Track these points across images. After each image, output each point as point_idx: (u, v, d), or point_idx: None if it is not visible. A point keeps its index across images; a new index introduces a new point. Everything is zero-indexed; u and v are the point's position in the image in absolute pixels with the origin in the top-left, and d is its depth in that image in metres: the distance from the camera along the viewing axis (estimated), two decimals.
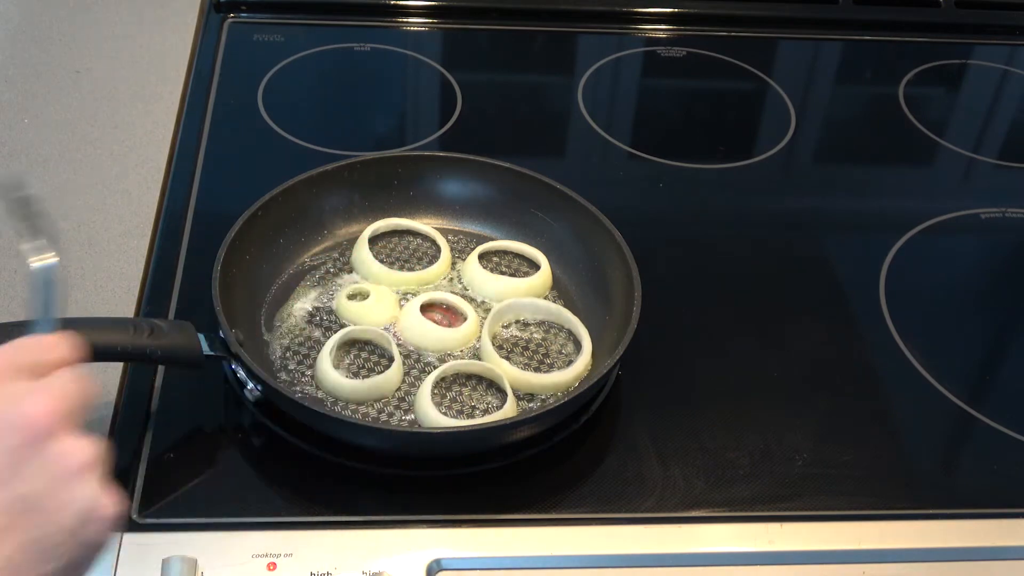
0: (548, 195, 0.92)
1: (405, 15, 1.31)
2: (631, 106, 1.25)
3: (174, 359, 0.74)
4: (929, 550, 0.73)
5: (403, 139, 1.13)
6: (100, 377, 0.80)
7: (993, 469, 0.82)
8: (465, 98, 1.18)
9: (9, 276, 0.88)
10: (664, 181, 1.10)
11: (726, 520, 0.75)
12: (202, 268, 0.82)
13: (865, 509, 0.77)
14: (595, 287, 0.89)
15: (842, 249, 1.04)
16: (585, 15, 1.32)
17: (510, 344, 0.85)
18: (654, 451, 0.80)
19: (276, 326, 0.85)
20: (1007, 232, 1.08)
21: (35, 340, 0.56)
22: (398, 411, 0.79)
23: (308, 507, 0.73)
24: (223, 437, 0.79)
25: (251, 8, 1.28)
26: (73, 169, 1.00)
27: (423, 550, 0.69)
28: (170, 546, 0.67)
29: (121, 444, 0.76)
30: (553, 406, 0.75)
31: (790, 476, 0.79)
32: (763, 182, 1.12)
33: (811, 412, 0.84)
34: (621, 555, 0.71)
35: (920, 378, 0.88)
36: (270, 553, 0.68)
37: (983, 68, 1.34)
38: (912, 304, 0.96)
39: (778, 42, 1.35)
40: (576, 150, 1.17)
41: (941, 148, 1.19)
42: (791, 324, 0.93)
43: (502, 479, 0.76)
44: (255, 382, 0.76)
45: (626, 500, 0.76)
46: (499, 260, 0.93)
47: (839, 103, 1.29)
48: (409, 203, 0.95)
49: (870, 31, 1.36)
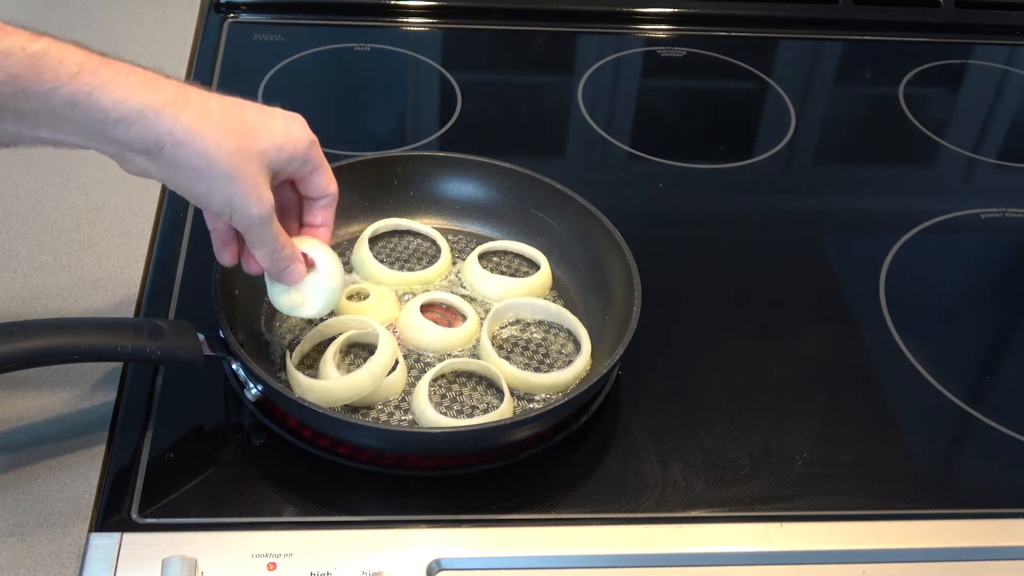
0: (548, 195, 0.92)
1: (405, 15, 1.31)
2: (631, 106, 1.25)
3: (174, 359, 0.74)
4: (929, 550, 0.73)
5: (403, 139, 1.13)
6: (100, 377, 0.80)
7: (993, 469, 0.82)
8: (465, 98, 1.18)
9: (9, 276, 0.88)
10: (664, 181, 1.10)
11: (726, 520, 0.75)
12: (202, 268, 0.82)
13: (865, 509, 0.77)
14: (595, 287, 0.89)
15: (842, 249, 1.04)
16: (585, 15, 1.32)
17: (510, 344, 0.85)
18: (654, 451, 0.80)
19: (276, 326, 0.85)
20: (1007, 232, 1.08)
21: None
22: (398, 411, 0.79)
23: (308, 507, 0.73)
24: (223, 437, 0.79)
25: (251, 8, 1.28)
26: (73, 169, 1.00)
27: (423, 550, 0.69)
28: (170, 546, 0.67)
29: (121, 444, 0.76)
30: (553, 406, 0.75)
31: (790, 476, 0.79)
32: (763, 182, 1.12)
33: (811, 412, 0.84)
34: (621, 555, 0.71)
35: (920, 378, 0.88)
36: (270, 553, 0.68)
37: (983, 68, 1.34)
38: (912, 304, 0.96)
39: (778, 42, 1.35)
40: (576, 150, 1.17)
41: (941, 148, 1.19)
42: (791, 324, 0.93)
43: (502, 479, 0.76)
44: (255, 382, 0.76)
45: (626, 500, 0.76)
46: (499, 260, 0.93)
47: (839, 103, 1.29)
48: (409, 203, 0.95)
49: (870, 31, 1.36)
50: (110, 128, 0.64)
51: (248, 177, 0.68)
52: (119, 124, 0.63)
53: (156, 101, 0.64)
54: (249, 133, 0.68)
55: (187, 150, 0.65)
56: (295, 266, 0.75)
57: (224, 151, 0.66)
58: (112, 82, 0.63)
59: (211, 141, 0.66)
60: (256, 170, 0.68)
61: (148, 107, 0.64)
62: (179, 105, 0.65)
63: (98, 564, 0.66)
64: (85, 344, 0.70)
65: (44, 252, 0.91)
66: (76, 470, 0.74)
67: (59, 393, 0.79)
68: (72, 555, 0.69)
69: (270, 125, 0.70)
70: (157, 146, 0.65)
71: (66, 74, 0.62)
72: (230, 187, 0.67)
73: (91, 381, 0.80)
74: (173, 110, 0.65)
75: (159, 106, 0.64)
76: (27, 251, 0.91)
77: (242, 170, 0.67)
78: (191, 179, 0.67)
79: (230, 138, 0.67)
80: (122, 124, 0.63)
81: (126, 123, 0.63)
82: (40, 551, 0.69)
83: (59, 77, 0.62)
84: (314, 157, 0.74)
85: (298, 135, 0.72)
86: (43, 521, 0.71)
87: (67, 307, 0.86)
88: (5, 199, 0.96)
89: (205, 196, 0.68)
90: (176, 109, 0.65)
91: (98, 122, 0.63)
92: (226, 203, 0.68)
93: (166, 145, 0.65)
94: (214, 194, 0.68)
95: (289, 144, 0.71)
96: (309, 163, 0.73)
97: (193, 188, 0.68)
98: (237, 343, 0.75)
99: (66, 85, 0.62)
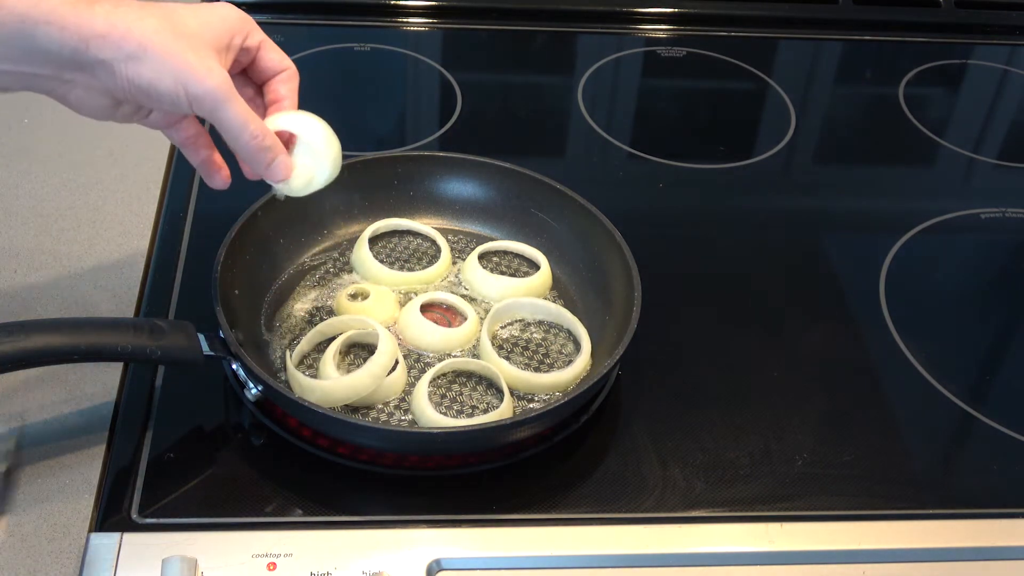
0: (548, 195, 0.92)
1: (405, 15, 1.31)
2: (631, 106, 1.25)
3: (174, 359, 0.74)
4: (929, 550, 0.73)
5: (403, 139, 1.13)
6: (100, 377, 0.80)
7: (993, 469, 0.82)
8: (465, 98, 1.18)
9: (9, 276, 0.88)
10: (664, 181, 1.10)
11: (726, 520, 0.75)
12: (202, 268, 0.82)
13: (865, 509, 0.77)
14: (595, 287, 0.89)
15: (842, 249, 1.04)
16: (585, 15, 1.32)
17: (510, 344, 0.85)
18: (654, 451, 0.80)
19: (276, 326, 0.85)
20: (1007, 232, 1.08)
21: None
22: (398, 411, 0.79)
23: (308, 507, 0.73)
24: (223, 437, 0.79)
25: (251, 8, 1.27)
26: (73, 169, 1.00)
27: (423, 550, 0.69)
28: (170, 546, 0.67)
29: (121, 444, 0.76)
30: (553, 406, 0.75)
31: (790, 476, 0.79)
32: (763, 182, 1.12)
33: (811, 412, 0.84)
34: (621, 555, 0.71)
35: (920, 378, 0.88)
36: (270, 553, 0.68)
37: (983, 68, 1.34)
38: (912, 304, 0.96)
39: (778, 42, 1.35)
40: (576, 150, 1.17)
41: (941, 148, 1.19)
42: (791, 324, 0.93)
43: (502, 479, 0.76)
44: (255, 382, 0.76)
45: (626, 500, 0.76)
46: (499, 260, 0.93)
47: (839, 103, 1.29)
48: (409, 203, 0.95)
49: (870, 31, 1.36)
50: (29, 37, 0.62)
51: (189, 51, 0.65)
52: (36, 28, 0.62)
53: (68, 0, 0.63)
54: (173, 15, 0.66)
55: (112, 37, 0.63)
56: (279, 158, 0.72)
57: (153, 30, 0.64)
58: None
59: (135, 23, 0.64)
60: (197, 46, 0.66)
61: (60, 3, 0.63)
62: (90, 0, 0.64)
63: (98, 564, 0.66)
64: (85, 344, 0.70)
65: (44, 252, 0.91)
66: (76, 470, 0.74)
67: (59, 393, 0.79)
68: (72, 555, 0.69)
69: (195, 9, 0.68)
70: (82, 43, 0.63)
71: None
72: (174, 63, 0.64)
73: (91, 381, 0.80)
74: (86, 3, 0.63)
75: (71, 2, 0.63)
76: (27, 251, 0.91)
77: (180, 45, 0.65)
78: (131, 71, 0.64)
79: (154, 20, 0.65)
80: (40, 26, 0.62)
81: (44, 23, 0.62)
82: (40, 551, 0.69)
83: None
84: (253, 32, 0.72)
85: (227, 13, 0.70)
86: (43, 521, 0.71)
87: (67, 307, 0.86)
88: (5, 199, 0.96)
89: (154, 85, 0.65)
90: (88, 2, 0.63)
91: (15, 32, 0.62)
92: (176, 83, 0.65)
93: (90, 39, 0.63)
94: (161, 77, 0.65)
95: (219, 21, 0.69)
96: (250, 38, 0.71)
97: (138, 80, 0.65)
98: (237, 343, 0.75)
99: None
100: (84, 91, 0.67)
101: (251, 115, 0.69)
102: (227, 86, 0.67)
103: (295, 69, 0.75)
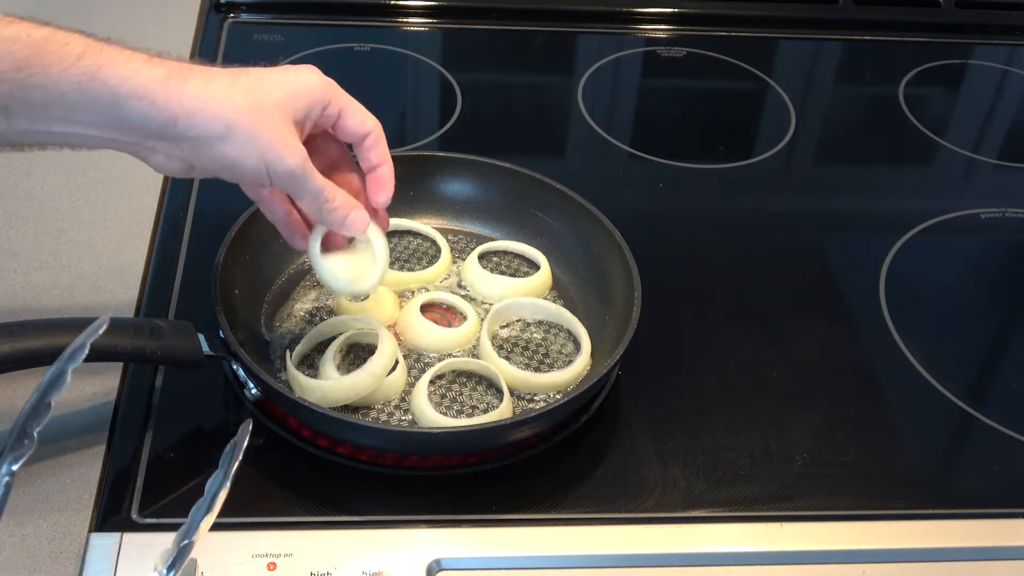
0: (548, 195, 0.92)
1: (405, 15, 1.31)
2: (631, 106, 1.25)
3: (174, 359, 0.74)
4: (929, 550, 0.73)
5: (403, 139, 1.12)
6: (100, 377, 0.80)
7: (993, 469, 0.82)
8: (465, 98, 1.18)
9: (9, 276, 0.88)
10: (664, 181, 1.10)
11: (726, 520, 0.75)
12: (202, 268, 0.82)
13: (865, 509, 0.77)
14: (595, 287, 0.89)
15: (842, 249, 1.04)
16: (585, 15, 1.32)
17: (510, 344, 0.85)
18: (654, 451, 0.80)
19: (276, 326, 0.85)
20: (1007, 232, 1.08)
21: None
22: (398, 411, 0.79)
23: (308, 507, 0.73)
24: (223, 437, 0.79)
25: (251, 8, 1.28)
26: (73, 169, 1.00)
27: (423, 550, 0.69)
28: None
29: (121, 444, 0.76)
30: (553, 406, 0.75)
31: (790, 476, 0.79)
32: (763, 182, 1.12)
33: (811, 412, 0.84)
34: (621, 555, 0.71)
35: (920, 378, 0.88)
36: (270, 553, 0.68)
37: (983, 68, 1.34)
38: (912, 304, 0.96)
39: (778, 42, 1.35)
40: (576, 150, 1.17)
41: (941, 148, 1.19)
42: (791, 324, 0.93)
43: (502, 479, 0.76)
44: (255, 382, 0.76)
45: (626, 500, 0.76)
46: (499, 260, 0.93)
47: (839, 103, 1.29)
48: (409, 203, 0.95)
49: (870, 31, 1.36)
50: (120, 109, 0.63)
51: (271, 129, 0.67)
52: (128, 101, 0.63)
53: (160, 74, 0.64)
54: (259, 87, 0.67)
55: (201, 117, 0.65)
56: (355, 212, 0.74)
57: (239, 110, 0.65)
58: (116, 61, 0.63)
59: (224, 103, 0.65)
60: (279, 122, 0.67)
61: (153, 79, 0.63)
62: (183, 74, 0.65)
63: (98, 564, 0.66)
64: None
65: (44, 252, 0.91)
66: (76, 470, 0.74)
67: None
68: (72, 555, 0.69)
69: (279, 77, 0.69)
70: (171, 120, 0.64)
71: (71, 56, 0.62)
72: (258, 143, 0.66)
73: (91, 381, 0.80)
74: (178, 79, 0.64)
75: (164, 78, 0.64)
76: (27, 251, 0.91)
77: (263, 124, 0.66)
78: (216, 150, 0.66)
79: (242, 97, 0.66)
80: (132, 100, 0.63)
81: (135, 98, 0.63)
82: (40, 551, 0.69)
83: (64, 59, 0.62)
84: (336, 98, 0.73)
85: (310, 80, 0.71)
86: (43, 521, 0.71)
87: (67, 307, 0.86)
88: (5, 199, 0.96)
89: (239, 163, 0.67)
90: (180, 78, 0.64)
91: (107, 104, 0.63)
92: (260, 161, 0.67)
93: (179, 117, 0.64)
94: (246, 157, 0.66)
95: (303, 90, 0.70)
96: (332, 105, 0.72)
97: (223, 159, 0.66)
98: (237, 343, 0.75)
99: (72, 67, 0.62)
100: (165, 157, 0.68)
101: (324, 183, 0.71)
102: (305, 163, 0.69)
103: (379, 129, 0.76)
